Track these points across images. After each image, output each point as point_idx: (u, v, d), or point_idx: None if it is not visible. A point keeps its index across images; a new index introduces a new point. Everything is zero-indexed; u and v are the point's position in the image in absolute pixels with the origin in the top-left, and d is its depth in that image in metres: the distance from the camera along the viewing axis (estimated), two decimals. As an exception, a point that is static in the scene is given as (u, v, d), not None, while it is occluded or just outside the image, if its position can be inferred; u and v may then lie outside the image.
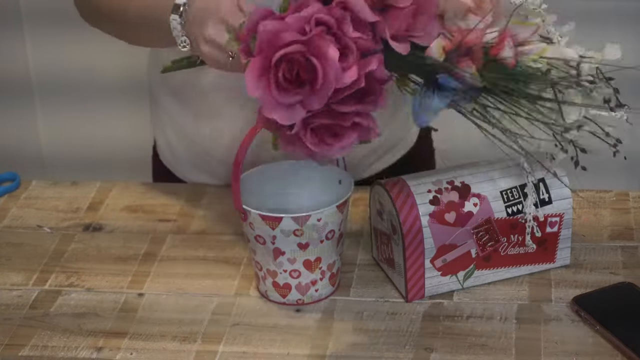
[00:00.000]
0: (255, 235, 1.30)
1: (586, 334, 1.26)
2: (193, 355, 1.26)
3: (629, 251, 1.41)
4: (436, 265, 1.31)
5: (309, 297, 1.33)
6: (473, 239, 1.31)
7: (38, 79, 2.53)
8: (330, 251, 1.32)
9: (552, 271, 1.37)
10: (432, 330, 1.28)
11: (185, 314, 1.33)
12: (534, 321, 1.29)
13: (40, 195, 1.60)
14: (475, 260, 1.32)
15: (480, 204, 1.30)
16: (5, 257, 1.46)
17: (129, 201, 1.57)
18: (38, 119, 2.58)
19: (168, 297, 1.36)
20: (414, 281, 1.31)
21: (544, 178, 1.33)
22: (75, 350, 1.28)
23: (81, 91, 2.51)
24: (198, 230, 1.50)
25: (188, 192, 1.59)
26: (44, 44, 2.48)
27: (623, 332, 1.24)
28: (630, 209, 1.49)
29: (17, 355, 1.28)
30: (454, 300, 1.33)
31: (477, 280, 1.34)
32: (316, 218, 1.27)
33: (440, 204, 1.29)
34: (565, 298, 1.32)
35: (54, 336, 1.30)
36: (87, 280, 1.40)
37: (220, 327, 1.30)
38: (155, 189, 1.60)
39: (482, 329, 1.28)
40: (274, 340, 1.28)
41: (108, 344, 1.29)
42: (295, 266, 1.31)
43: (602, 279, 1.35)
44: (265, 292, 1.35)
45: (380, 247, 1.37)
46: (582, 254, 1.40)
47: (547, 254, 1.36)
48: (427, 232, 1.29)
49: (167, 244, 1.47)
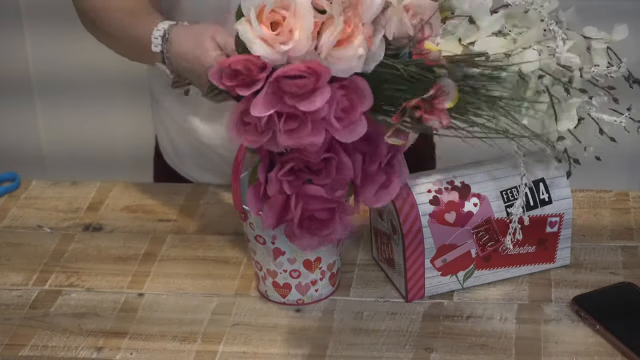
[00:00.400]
0: (255, 235, 1.30)
1: (586, 334, 1.26)
2: (193, 355, 1.26)
3: (629, 251, 1.41)
4: (436, 265, 1.31)
5: (309, 297, 1.33)
6: (473, 239, 1.31)
7: (38, 78, 2.53)
8: (330, 251, 1.32)
9: (552, 271, 1.37)
10: (432, 330, 1.28)
11: (185, 314, 1.33)
12: (534, 321, 1.29)
13: (40, 195, 1.60)
14: (475, 260, 1.32)
15: (480, 204, 1.30)
16: (5, 257, 1.46)
17: (129, 201, 1.57)
18: (38, 118, 2.58)
19: (168, 297, 1.36)
20: (414, 281, 1.31)
21: (544, 178, 1.33)
22: (75, 350, 1.28)
23: (81, 90, 2.51)
24: (198, 230, 1.50)
25: (188, 192, 1.59)
26: (44, 42, 2.48)
27: (623, 332, 1.24)
28: (630, 209, 1.49)
29: (17, 355, 1.28)
30: (454, 300, 1.33)
31: (477, 280, 1.34)
32: (316, 218, 1.27)
33: (440, 204, 1.29)
34: (565, 298, 1.32)
35: (54, 336, 1.30)
36: (87, 280, 1.40)
37: (220, 327, 1.30)
38: (155, 189, 1.60)
39: (482, 329, 1.28)
40: (274, 340, 1.28)
41: (108, 344, 1.29)
42: (295, 266, 1.31)
43: (602, 279, 1.35)
44: (265, 292, 1.35)
45: (380, 247, 1.37)
46: (582, 254, 1.40)
47: (547, 254, 1.36)
48: (427, 232, 1.29)
49: (167, 244, 1.47)
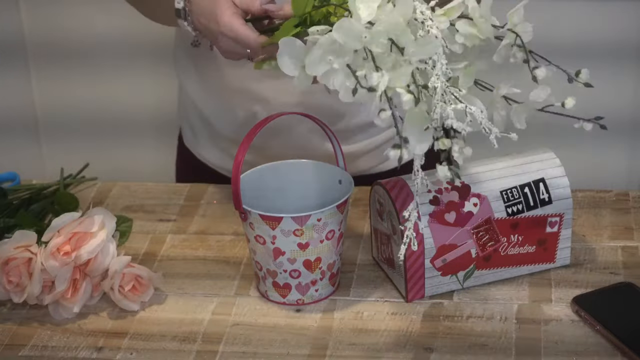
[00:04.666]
0: (255, 235, 1.30)
1: (586, 334, 1.26)
2: (193, 355, 1.26)
3: (629, 251, 1.41)
4: (436, 265, 1.31)
5: (309, 297, 1.33)
6: (473, 239, 1.31)
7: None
8: (330, 251, 1.32)
9: (552, 271, 1.37)
10: (432, 330, 1.28)
11: (185, 314, 1.33)
12: (534, 321, 1.29)
13: (40, 195, 1.60)
14: (475, 260, 1.32)
15: (480, 204, 1.30)
16: (5, 257, 1.46)
17: (129, 201, 1.57)
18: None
19: (168, 297, 1.36)
20: (414, 281, 1.31)
21: (544, 178, 1.33)
22: (75, 350, 1.28)
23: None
24: (198, 230, 1.50)
25: (188, 192, 1.59)
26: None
27: (623, 332, 1.24)
28: (630, 209, 1.49)
29: (17, 355, 1.28)
30: (454, 300, 1.33)
31: (477, 280, 1.34)
32: (316, 218, 1.27)
33: (440, 204, 1.29)
34: (565, 298, 1.32)
35: (54, 336, 1.30)
36: (87, 280, 1.40)
37: (220, 327, 1.30)
38: (155, 189, 1.60)
39: (482, 329, 1.28)
40: (274, 340, 1.28)
41: (108, 344, 1.28)
42: (295, 266, 1.31)
43: (602, 279, 1.35)
44: (265, 292, 1.35)
45: (380, 247, 1.37)
46: (582, 254, 1.40)
47: (547, 254, 1.36)
48: (427, 232, 1.29)
49: (167, 244, 1.47)
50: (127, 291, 1.32)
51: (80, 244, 1.31)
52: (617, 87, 2.30)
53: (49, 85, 2.49)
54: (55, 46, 2.43)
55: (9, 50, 2.45)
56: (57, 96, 2.48)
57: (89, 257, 1.31)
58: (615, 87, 2.30)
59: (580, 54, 2.24)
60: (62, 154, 2.42)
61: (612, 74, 2.28)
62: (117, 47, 2.41)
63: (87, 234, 1.32)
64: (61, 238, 1.31)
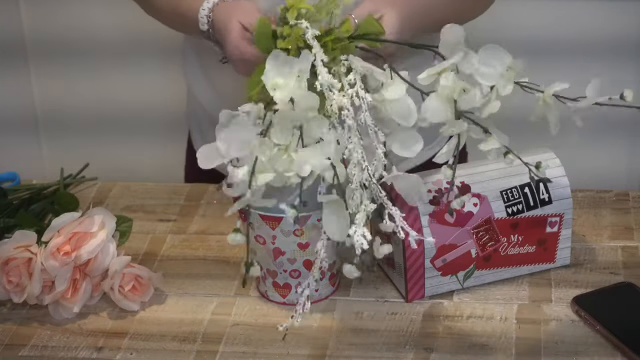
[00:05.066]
0: (255, 235, 1.30)
1: (586, 334, 1.26)
2: (193, 355, 1.26)
3: (629, 251, 1.41)
4: (436, 265, 1.31)
5: (309, 297, 1.33)
6: (473, 239, 1.31)
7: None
8: (330, 251, 1.32)
9: (552, 271, 1.37)
10: (432, 330, 1.28)
11: (185, 314, 1.33)
12: (534, 321, 1.29)
13: (40, 195, 1.60)
14: (475, 260, 1.32)
15: (480, 204, 1.30)
16: (5, 257, 1.46)
17: (129, 201, 1.57)
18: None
19: (168, 297, 1.36)
20: (414, 281, 1.31)
21: (544, 178, 1.33)
22: (75, 350, 1.28)
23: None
24: (198, 231, 1.50)
25: (188, 192, 1.59)
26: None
27: (623, 332, 1.24)
28: (630, 209, 1.49)
29: (17, 355, 1.28)
30: (454, 300, 1.33)
31: (477, 280, 1.34)
32: (316, 218, 1.27)
33: (440, 204, 1.29)
34: (565, 298, 1.32)
35: (54, 336, 1.30)
36: (87, 280, 1.41)
37: (220, 327, 1.30)
38: (155, 189, 1.60)
39: (482, 329, 1.28)
40: (274, 340, 1.28)
41: (108, 344, 1.29)
42: (295, 266, 1.31)
43: (602, 279, 1.35)
44: (265, 292, 1.35)
45: (380, 247, 1.37)
46: (582, 254, 1.40)
47: (547, 254, 1.36)
48: (427, 232, 1.29)
49: (167, 244, 1.47)
50: (127, 291, 1.32)
51: (80, 244, 1.31)
52: (617, 86, 2.30)
53: (49, 84, 2.49)
54: (55, 45, 2.43)
55: (9, 49, 2.45)
56: (57, 95, 2.48)
57: (89, 257, 1.31)
58: (615, 86, 2.29)
59: (580, 52, 2.23)
60: (62, 154, 2.42)
61: (612, 72, 2.27)
62: (118, 46, 2.41)
63: (87, 234, 1.32)
64: (61, 238, 1.31)
